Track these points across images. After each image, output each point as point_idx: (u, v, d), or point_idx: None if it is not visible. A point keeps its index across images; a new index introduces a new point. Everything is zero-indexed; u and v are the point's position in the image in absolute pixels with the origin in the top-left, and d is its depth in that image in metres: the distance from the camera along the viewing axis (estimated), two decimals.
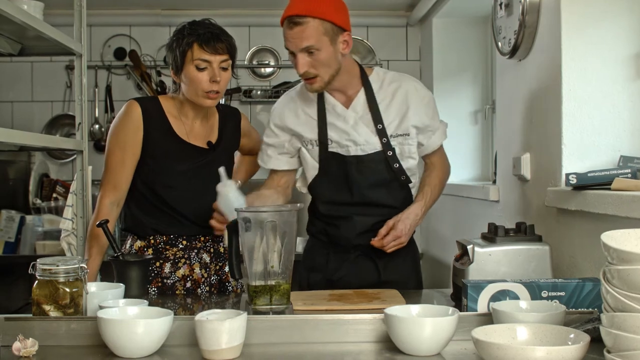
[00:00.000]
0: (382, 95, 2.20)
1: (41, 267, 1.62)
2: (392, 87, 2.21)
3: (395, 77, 2.25)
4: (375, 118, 2.18)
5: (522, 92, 2.44)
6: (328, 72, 2.09)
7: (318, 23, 2.02)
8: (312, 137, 2.21)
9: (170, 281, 2.24)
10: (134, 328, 1.37)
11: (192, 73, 2.14)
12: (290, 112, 2.24)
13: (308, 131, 2.22)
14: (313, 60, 2.05)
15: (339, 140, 2.18)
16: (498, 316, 1.43)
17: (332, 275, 2.22)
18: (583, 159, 2.09)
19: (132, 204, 2.26)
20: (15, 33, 2.09)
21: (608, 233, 1.19)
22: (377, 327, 1.51)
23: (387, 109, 2.19)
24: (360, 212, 2.20)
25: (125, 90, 4.46)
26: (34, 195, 3.99)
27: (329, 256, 2.26)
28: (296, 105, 2.25)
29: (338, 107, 2.20)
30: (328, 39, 2.04)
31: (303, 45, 2.03)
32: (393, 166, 2.18)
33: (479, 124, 4.03)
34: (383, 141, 2.17)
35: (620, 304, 1.12)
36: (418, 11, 4.22)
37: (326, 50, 2.05)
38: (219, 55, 2.15)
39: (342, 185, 2.20)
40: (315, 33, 2.02)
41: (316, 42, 2.03)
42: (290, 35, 2.04)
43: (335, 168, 2.20)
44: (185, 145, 2.24)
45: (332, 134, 2.19)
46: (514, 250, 1.86)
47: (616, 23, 2.09)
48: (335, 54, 2.08)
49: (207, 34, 2.14)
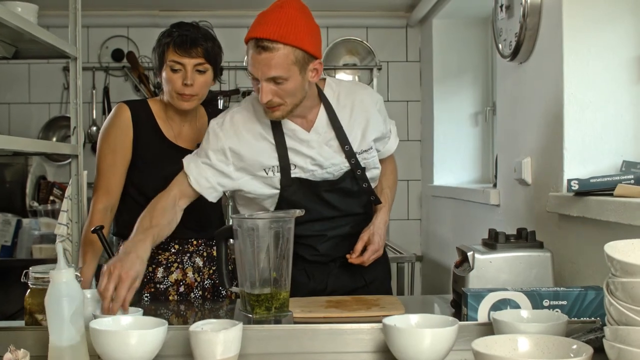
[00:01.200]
0: (341, 111, 2.05)
1: (34, 275, 1.60)
2: (349, 101, 2.07)
3: (349, 89, 2.11)
4: (341, 139, 2.03)
5: (523, 95, 2.42)
6: (293, 101, 1.90)
7: (289, 51, 1.81)
8: (273, 163, 2.00)
9: (163, 286, 2.23)
10: (127, 339, 1.34)
11: (167, 74, 2.17)
12: (248, 132, 1.99)
13: (267, 157, 1.99)
14: (278, 89, 1.85)
15: (304, 165, 2.01)
16: (499, 326, 1.41)
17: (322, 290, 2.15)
18: (585, 164, 2.06)
19: (123, 209, 2.25)
20: (10, 36, 2.06)
21: (611, 244, 1.17)
22: (375, 337, 1.49)
23: (348, 125, 2.05)
24: (333, 225, 2.11)
25: (123, 92, 4.44)
26: (30, 198, 3.97)
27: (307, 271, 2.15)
28: (253, 126, 2.00)
29: (299, 131, 2.01)
30: (297, 69, 1.84)
31: (270, 75, 1.82)
32: (363, 186, 2.10)
33: (480, 125, 4.00)
34: (352, 162, 2.05)
35: (624, 317, 1.09)
36: (418, 12, 4.20)
37: (294, 80, 1.85)
38: (192, 59, 2.14)
39: (312, 205, 2.05)
40: (284, 62, 1.81)
41: (285, 72, 1.82)
42: (257, 60, 1.82)
43: (302, 191, 2.03)
44: (174, 148, 2.24)
45: (295, 159, 2.00)
46: (515, 257, 1.83)
47: (618, 26, 2.07)
48: (303, 83, 1.89)
49: (182, 37, 2.15)
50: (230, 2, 4.23)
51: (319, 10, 4.21)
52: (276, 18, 1.83)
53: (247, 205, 2.12)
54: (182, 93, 2.15)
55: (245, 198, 2.09)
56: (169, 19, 4.16)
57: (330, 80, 2.12)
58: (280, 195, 2.03)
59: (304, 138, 2.01)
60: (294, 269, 2.14)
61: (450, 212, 3.78)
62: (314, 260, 2.13)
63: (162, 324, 1.40)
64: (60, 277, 1.36)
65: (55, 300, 1.36)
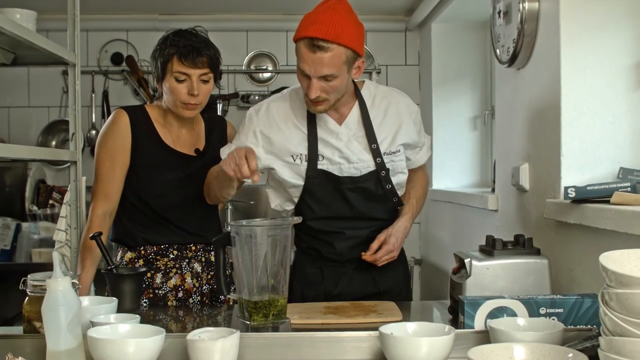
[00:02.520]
0: (374, 111, 2.15)
1: (32, 283, 1.60)
2: (384, 104, 2.17)
3: (386, 93, 2.21)
4: (370, 136, 2.12)
5: (521, 101, 2.42)
6: (336, 97, 2.03)
7: (342, 51, 1.93)
8: (301, 151, 2.10)
9: (162, 292, 2.23)
10: (124, 347, 1.34)
11: (172, 84, 2.15)
12: (281, 120, 2.12)
13: (296, 144, 2.10)
14: (327, 86, 1.97)
15: (331, 157, 2.10)
16: (495, 335, 1.41)
17: (331, 291, 2.19)
18: (582, 171, 2.06)
19: (122, 215, 2.25)
20: (8, 43, 2.06)
21: (607, 254, 1.17)
22: (373, 345, 1.49)
23: (379, 126, 2.14)
24: (353, 226, 2.16)
25: (122, 96, 4.45)
26: (30, 202, 3.97)
27: (323, 271, 2.21)
28: (287, 115, 2.13)
29: (330, 123, 2.11)
30: (346, 67, 1.97)
31: (323, 73, 1.94)
32: (386, 187, 2.14)
33: (478, 129, 4.00)
34: (377, 161, 2.12)
35: (618, 328, 1.09)
36: (417, 16, 4.20)
37: (342, 78, 1.98)
38: (199, 69, 2.15)
39: (334, 202, 2.13)
40: (337, 61, 1.93)
41: (336, 70, 1.94)
42: (311, 59, 1.93)
43: (325, 185, 2.12)
44: (173, 153, 2.24)
45: (323, 150, 2.10)
46: (512, 264, 1.83)
47: (616, 32, 2.07)
48: (348, 80, 2.02)
49: (188, 47, 2.13)
50: (229, 6, 4.24)
51: None
52: (330, 19, 1.93)
53: (276, 188, 2.21)
54: (188, 102, 2.16)
55: (275, 180, 2.18)
56: (169, 23, 4.19)
57: (369, 82, 2.23)
58: (304, 187, 2.10)
59: (334, 130, 2.11)
60: (310, 267, 2.18)
61: (449, 216, 3.78)
62: (329, 257, 2.18)
63: (159, 332, 1.40)
64: (56, 285, 1.37)
65: (52, 308, 1.36)
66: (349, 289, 2.18)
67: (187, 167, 2.25)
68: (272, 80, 4.55)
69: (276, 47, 4.52)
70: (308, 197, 2.13)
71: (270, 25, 4.47)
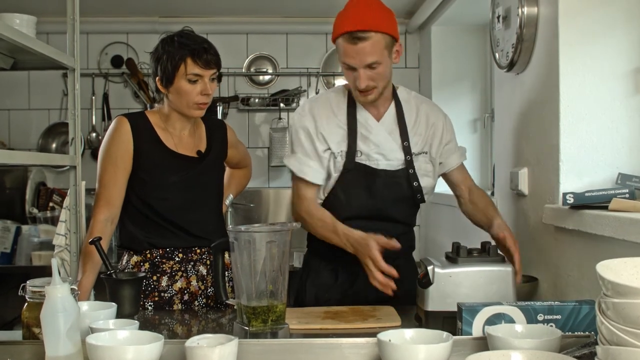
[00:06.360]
0: (408, 112, 2.23)
1: (31, 289, 1.60)
2: (417, 107, 2.25)
3: (419, 99, 2.31)
4: (403, 134, 2.19)
5: (520, 106, 2.42)
6: (383, 84, 2.11)
7: (380, 37, 2.03)
8: (341, 148, 2.17)
9: (168, 295, 2.24)
10: (123, 354, 1.34)
11: (184, 86, 2.17)
12: (323, 119, 2.19)
13: (336, 142, 2.17)
14: (373, 74, 2.06)
15: (369, 152, 2.17)
16: (493, 341, 1.41)
17: (346, 291, 2.19)
18: (581, 176, 2.07)
19: (127, 220, 2.26)
20: (7, 48, 2.06)
21: (604, 262, 1.17)
22: (371, 352, 1.49)
23: (412, 127, 2.21)
24: (373, 226, 2.12)
25: (122, 99, 4.45)
26: (30, 205, 3.97)
27: (337, 272, 2.22)
28: (328, 113, 2.19)
29: (370, 119, 2.19)
30: (387, 52, 2.06)
31: (368, 61, 2.03)
32: (413, 184, 2.19)
33: (478, 132, 4.01)
34: (407, 158, 2.18)
35: (615, 337, 1.10)
36: (417, 19, 4.20)
37: (386, 63, 2.07)
38: (211, 70, 2.19)
39: (362, 199, 2.17)
40: (379, 48, 2.02)
41: (380, 57, 2.03)
42: (354, 50, 2.02)
43: (358, 179, 2.16)
44: (175, 156, 2.25)
45: (362, 146, 2.17)
46: (476, 271, 1.80)
47: (614, 38, 2.07)
48: (391, 65, 2.12)
49: (200, 49, 2.16)
50: (230, 8, 4.24)
51: (319, 17, 4.24)
52: (362, 11, 2.03)
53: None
54: (200, 103, 2.19)
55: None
56: (169, 26, 4.18)
57: (403, 87, 2.32)
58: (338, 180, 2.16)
59: (373, 126, 2.18)
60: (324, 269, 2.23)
61: (448, 219, 3.78)
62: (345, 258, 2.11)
63: (158, 339, 1.40)
64: (55, 292, 1.37)
65: (51, 315, 1.37)
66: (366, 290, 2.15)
67: (189, 169, 2.27)
68: (272, 82, 4.55)
69: (276, 49, 4.52)
70: (339, 190, 2.17)
71: (270, 28, 4.48)
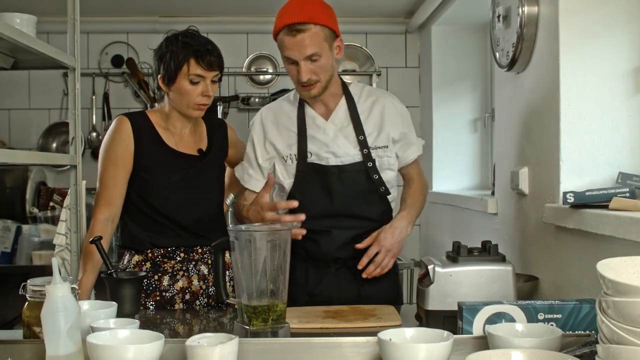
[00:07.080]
0: (361, 107, 2.23)
1: (32, 288, 1.60)
2: (370, 101, 2.25)
3: (372, 92, 2.31)
4: (357, 129, 2.20)
5: (521, 105, 2.42)
6: (326, 77, 2.13)
7: (319, 29, 2.07)
8: (292, 152, 2.21)
9: (169, 294, 2.24)
10: (123, 353, 1.34)
11: (185, 87, 2.17)
12: (272, 126, 2.25)
13: (287, 147, 2.22)
14: (315, 67, 2.09)
15: (318, 152, 2.19)
16: (493, 340, 1.41)
17: (313, 290, 2.20)
18: (581, 175, 2.07)
19: (128, 219, 2.27)
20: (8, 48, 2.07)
21: (604, 261, 1.17)
22: (372, 351, 1.49)
23: (366, 120, 2.22)
24: (340, 224, 2.17)
25: (122, 98, 4.45)
26: (30, 204, 3.96)
27: (308, 270, 2.22)
28: (277, 120, 2.25)
29: (318, 119, 2.22)
30: (327, 45, 2.09)
31: (308, 53, 2.06)
32: (373, 177, 2.19)
33: (479, 131, 4.01)
34: (364, 152, 2.18)
35: (615, 335, 1.10)
36: (417, 18, 4.20)
37: (326, 56, 2.10)
38: (213, 71, 2.20)
39: (320, 197, 2.18)
40: (317, 40, 2.06)
41: (319, 48, 2.07)
42: (293, 43, 2.06)
43: (313, 179, 2.18)
44: (176, 155, 2.26)
45: (311, 146, 2.19)
46: (476, 271, 1.78)
47: (615, 37, 2.07)
48: (332, 59, 2.14)
49: (204, 50, 2.17)
50: (229, 8, 4.24)
51: None
52: (300, 6, 2.08)
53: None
54: (200, 104, 2.20)
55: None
56: (169, 25, 4.16)
57: (356, 83, 2.35)
58: (294, 183, 2.19)
59: (321, 125, 2.20)
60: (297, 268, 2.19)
61: (449, 219, 3.78)
62: (315, 257, 2.19)
63: (158, 338, 1.40)
64: (56, 291, 1.37)
65: (51, 314, 1.36)
66: (330, 290, 2.18)
67: (190, 167, 2.27)
68: (272, 82, 4.55)
69: (276, 49, 4.42)
70: (297, 193, 2.19)
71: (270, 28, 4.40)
